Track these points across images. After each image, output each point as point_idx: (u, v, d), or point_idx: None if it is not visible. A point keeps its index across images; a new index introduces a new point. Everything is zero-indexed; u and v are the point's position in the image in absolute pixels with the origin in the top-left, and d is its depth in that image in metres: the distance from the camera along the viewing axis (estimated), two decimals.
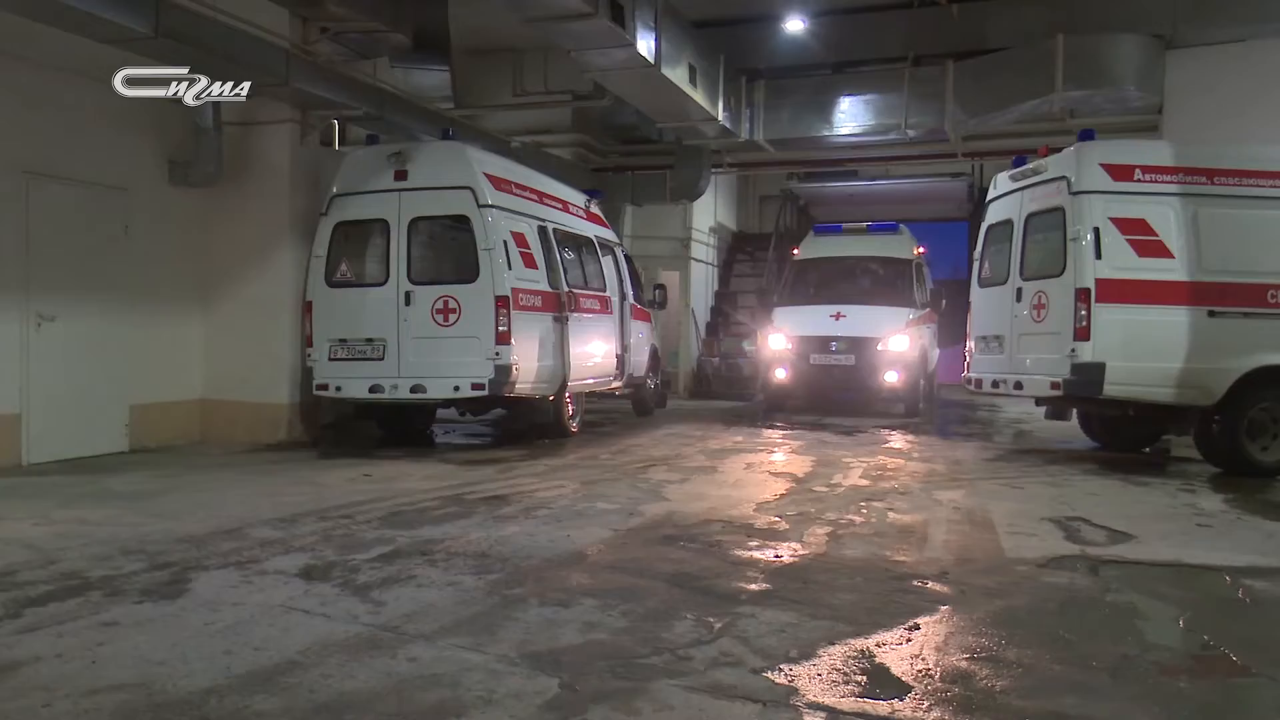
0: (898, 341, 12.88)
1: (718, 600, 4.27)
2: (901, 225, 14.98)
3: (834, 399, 14.31)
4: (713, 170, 16.02)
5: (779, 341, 13.40)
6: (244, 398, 9.90)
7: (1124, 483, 7.87)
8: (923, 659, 3.54)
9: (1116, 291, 8.12)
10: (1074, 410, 9.65)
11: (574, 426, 10.77)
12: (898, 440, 10.73)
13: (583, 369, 10.40)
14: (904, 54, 13.37)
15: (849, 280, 14.43)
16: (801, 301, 14.02)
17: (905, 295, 13.70)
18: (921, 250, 14.70)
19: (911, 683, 3.30)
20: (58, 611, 4.01)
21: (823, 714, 3.03)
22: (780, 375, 13.42)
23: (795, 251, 15.31)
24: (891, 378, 12.84)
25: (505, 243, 9.06)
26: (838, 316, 13.20)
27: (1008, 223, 9.48)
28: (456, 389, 8.96)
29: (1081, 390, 8.26)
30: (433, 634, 3.75)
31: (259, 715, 2.97)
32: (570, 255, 10.64)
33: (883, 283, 14.11)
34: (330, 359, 9.30)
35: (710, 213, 19.39)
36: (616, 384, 11.90)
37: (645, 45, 10.23)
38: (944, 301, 14.15)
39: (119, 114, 8.70)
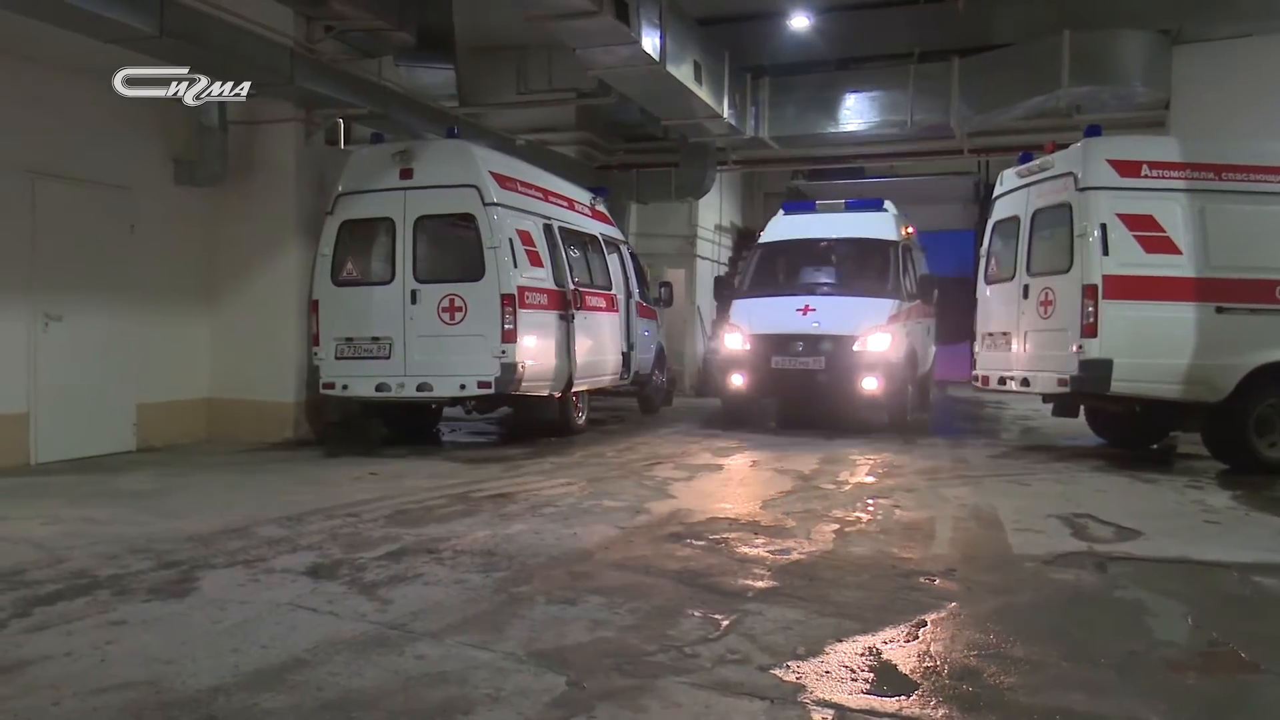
0: (878, 340, 10.70)
1: (724, 598, 4.27)
2: (886, 201, 12.85)
3: (802, 410, 12.03)
4: (718, 168, 15.99)
5: (735, 341, 11.32)
6: (250, 396, 9.92)
7: (1131, 479, 7.85)
8: (930, 656, 3.54)
9: (1124, 288, 8.10)
10: (1081, 407, 9.63)
11: (580, 424, 10.77)
12: (902, 439, 10.68)
13: (588, 367, 10.40)
14: (909, 50, 13.33)
15: (822, 267, 12.34)
16: (764, 292, 11.86)
17: (889, 284, 11.49)
18: (910, 230, 12.70)
19: (918, 680, 3.30)
20: (66, 610, 4.02)
21: (830, 711, 3.03)
22: (737, 382, 11.30)
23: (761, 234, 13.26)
24: (870, 384, 10.62)
25: (511, 241, 9.06)
26: (806, 310, 11.04)
27: (1014, 219, 9.47)
28: (463, 387, 8.96)
29: (1089, 386, 8.24)
30: (440, 632, 3.76)
31: (267, 713, 2.98)
32: (576, 253, 10.63)
33: (862, 269, 11.95)
34: (337, 357, 9.32)
35: (716, 210, 19.36)
36: (622, 382, 11.89)
37: (650, 42, 10.22)
38: (936, 291, 12.43)
39: (124, 113, 8.72)
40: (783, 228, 12.87)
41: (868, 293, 11.38)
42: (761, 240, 12.98)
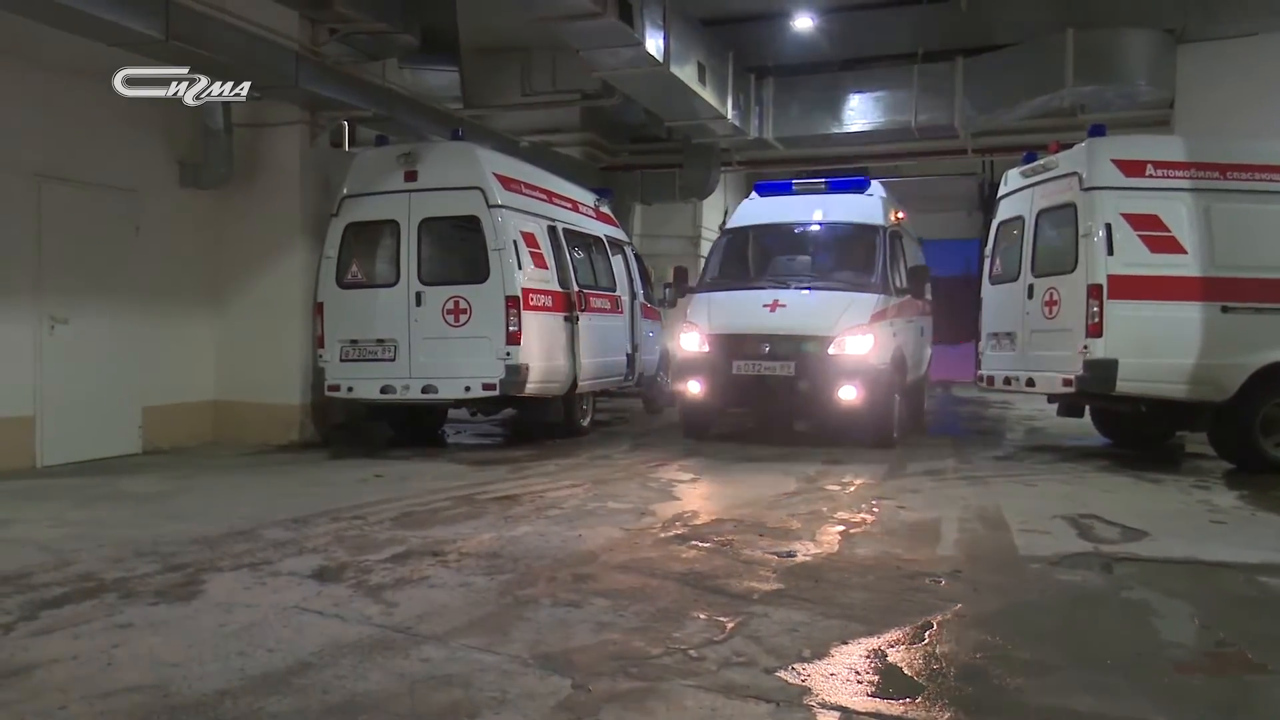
0: (858, 343, 9.16)
1: (730, 600, 4.27)
2: (873, 182, 11.29)
3: (771, 422, 10.89)
4: (722, 168, 16.01)
5: (692, 341, 9.76)
6: (256, 399, 9.93)
7: (1137, 480, 7.83)
8: (935, 658, 3.53)
9: (1129, 287, 8.08)
10: (1086, 407, 9.62)
11: (585, 426, 10.78)
12: (907, 439, 10.66)
13: (593, 368, 10.40)
14: (913, 50, 13.35)
15: (796, 255, 10.72)
16: (727, 285, 10.26)
17: (874, 276, 9.87)
18: (901, 215, 11.06)
19: (924, 682, 3.30)
20: (73, 614, 4.03)
21: (835, 714, 3.03)
22: (694, 389, 9.73)
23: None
24: (848, 394, 9.07)
25: (515, 243, 9.07)
26: (774, 306, 9.46)
27: (1019, 219, 9.46)
28: (467, 389, 8.98)
29: (1094, 387, 8.22)
30: (445, 635, 3.76)
31: (273, 717, 2.98)
32: (580, 255, 10.64)
33: (843, 259, 10.43)
34: (342, 360, 9.33)
35: (720, 211, 19.35)
36: (627, 383, 11.89)
37: (654, 44, 10.24)
38: (928, 284, 11.03)
39: (129, 116, 8.73)
40: (753, 210, 11.20)
41: (848, 286, 9.78)
42: (728, 225, 11.44)
